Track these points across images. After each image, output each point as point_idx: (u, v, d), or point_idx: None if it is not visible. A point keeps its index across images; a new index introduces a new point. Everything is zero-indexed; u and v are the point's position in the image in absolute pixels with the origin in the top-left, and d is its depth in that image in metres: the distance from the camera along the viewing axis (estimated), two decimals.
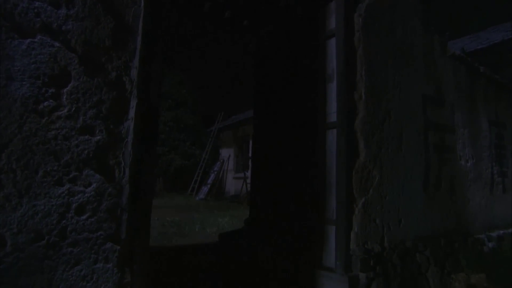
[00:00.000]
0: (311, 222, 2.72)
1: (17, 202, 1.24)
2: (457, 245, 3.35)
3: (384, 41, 2.94)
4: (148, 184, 1.57)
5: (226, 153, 15.34)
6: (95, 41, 1.43)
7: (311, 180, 2.77)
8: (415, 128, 3.17)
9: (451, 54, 3.73)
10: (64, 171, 1.33)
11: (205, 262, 3.28)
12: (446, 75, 3.71)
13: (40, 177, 1.29)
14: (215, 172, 14.88)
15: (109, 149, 1.44)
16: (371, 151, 2.65)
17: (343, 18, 2.62)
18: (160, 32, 1.65)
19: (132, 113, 1.50)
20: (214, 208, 8.93)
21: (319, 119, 2.75)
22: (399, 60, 3.07)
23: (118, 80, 1.49)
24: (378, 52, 2.85)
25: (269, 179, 3.26)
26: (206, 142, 17.38)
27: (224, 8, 3.69)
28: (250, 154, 9.38)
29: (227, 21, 4.05)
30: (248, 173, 9.60)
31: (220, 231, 4.75)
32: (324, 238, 2.57)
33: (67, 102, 1.34)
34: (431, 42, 3.55)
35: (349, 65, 2.62)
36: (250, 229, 3.41)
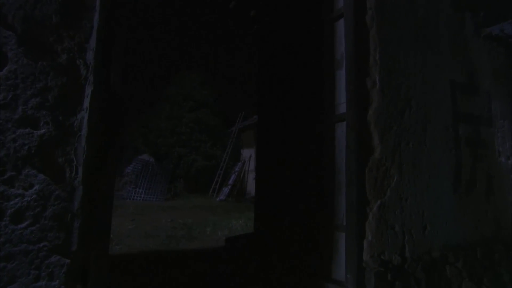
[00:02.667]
0: (319, 228, 2.40)
1: None
2: (497, 256, 2.86)
3: (403, 20, 2.55)
4: (108, 185, 1.34)
5: (247, 153, 15.15)
6: (39, 18, 1.22)
7: (319, 181, 2.45)
8: (443, 120, 2.75)
9: (487, 35, 3.23)
10: None
11: (206, 269, 3.04)
12: (481, 59, 3.23)
13: None
14: (236, 173, 14.74)
15: (58, 145, 1.22)
16: (388, 147, 2.28)
17: None
18: (123, 9, 1.42)
19: (86, 102, 1.28)
20: (231, 209, 8.74)
21: (327, 111, 2.42)
22: (422, 41, 2.67)
23: (70, 64, 1.27)
24: (396, 33, 2.47)
25: (275, 181, 2.97)
26: (227, 142, 17.34)
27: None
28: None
29: (233, 12, 3.81)
30: None
31: (231, 235, 4.51)
32: (333, 246, 2.24)
33: (1, 89, 1.14)
34: (461, 21, 3.09)
35: (360, 47, 2.27)
36: (256, 234, 3.13)
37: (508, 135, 3.35)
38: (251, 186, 14.18)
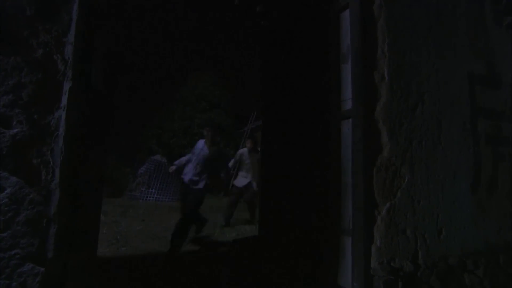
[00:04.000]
0: (325, 232, 2.26)
1: None
2: None
3: (415, 9, 2.37)
4: (91, 188, 1.26)
5: None
6: (11, 10, 1.14)
7: (325, 182, 2.31)
8: (460, 115, 2.54)
9: (509, 23, 2.99)
10: None
11: (210, 273, 2.95)
12: (503, 49, 2.99)
13: None
14: None
15: (32, 145, 1.15)
16: (398, 145, 2.11)
17: None
18: (106, 1, 1.34)
19: (64, 100, 1.20)
20: (241, 209, 8.64)
21: (332, 108, 2.28)
22: (436, 31, 2.47)
23: (46, 59, 1.20)
24: (406, 22, 2.30)
25: (279, 182, 2.84)
26: (240, 142, 17.30)
27: None
28: None
29: (238, 8, 3.71)
30: None
31: (239, 237, 4.41)
32: (339, 252, 2.09)
33: None
34: (481, 8, 2.87)
35: (367, 39, 2.12)
36: (261, 237, 3.02)
37: None
38: None
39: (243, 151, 6.32)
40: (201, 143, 4.19)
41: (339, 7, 2.31)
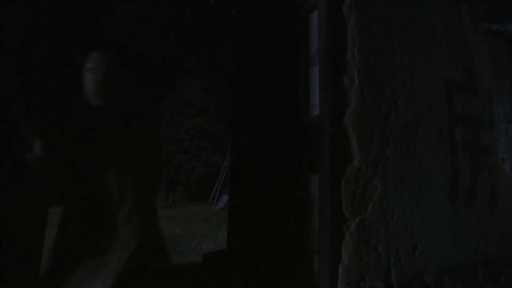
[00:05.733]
0: (294, 248, 2.08)
1: None
2: (503, 278, 2.51)
3: (388, 10, 2.26)
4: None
5: None
6: None
7: (293, 194, 2.14)
8: (437, 123, 2.43)
9: (486, 29, 2.92)
10: None
11: None
12: (480, 56, 2.91)
13: None
14: None
15: None
16: (369, 154, 1.97)
17: None
18: None
19: None
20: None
21: (301, 115, 2.13)
22: (411, 34, 2.37)
23: None
24: (379, 24, 2.18)
25: (250, 191, 2.66)
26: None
27: None
28: None
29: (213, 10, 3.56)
30: None
31: (215, 249, 4.20)
32: (309, 270, 1.92)
33: None
34: (457, 14, 2.79)
35: (336, 41, 1.99)
36: (229, 251, 2.82)
37: None
38: None
39: None
40: None
41: (308, 7, 2.18)
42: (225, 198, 13.77)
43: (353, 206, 1.86)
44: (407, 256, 2.02)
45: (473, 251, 2.45)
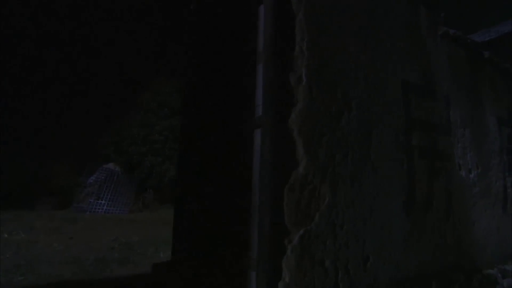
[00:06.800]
0: (235, 263, 1.88)
1: None
2: (457, 287, 2.43)
3: (343, 6, 2.12)
4: None
5: None
6: None
7: (235, 202, 1.95)
8: (393, 127, 2.32)
9: (444, 33, 2.87)
10: None
11: None
12: (439, 60, 2.86)
13: None
14: None
15: None
16: (317, 160, 1.81)
17: None
18: None
19: None
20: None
21: (246, 115, 1.94)
22: (368, 33, 2.25)
23: None
24: (332, 20, 2.04)
25: (196, 198, 2.44)
26: None
27: None
28: None
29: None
30: None
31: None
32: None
33: None
34: (416, 16, 2.72)
35: (283, 36, 1.82)
36: (175, 262, 2.58)
37: (469, 146, 2.97)
38: None
39: None
40: None
41: (255, 0, 2.00)
42: None
43: (297, 217, 1.69)
44: (357, 270, 1.87)
45: (429, 261, 2.35)
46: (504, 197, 3.29)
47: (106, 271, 3.60)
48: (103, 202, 11.68)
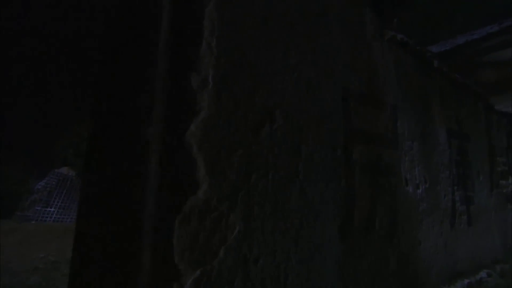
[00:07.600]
0: None
1: None
2: None
3: None
4: None
5: None
6: None
7: (125, 232, 1.56)
8: (329, 139, 2.04)
9: (391, 38, 2.67)
10: None
11: None
12: (385, 66, 2.65)
13: None
14: None
15: None
16: (225, 181, 1.47)
17: None
18: None
19: None
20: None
21: (142, 125, 1.57)
22: (299, 30, 1.96)
23: None
24: (254, 13, 1.72)
25: (98, 216, 2.01)
26: None
27: None
28: None
29: None
30: None
31: None
32: None
33: None
34: (359, 16, 2.49)
35: (185, 27, 1.47)
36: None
37: (417, 159, 2.78)
38: None
39: None
40: None
41: None
42: None
43: (194, 255, 1.33)
44: None
45: None
46: (452, 212, 3.15)
47: None
48: (52, 210, 10.71)
